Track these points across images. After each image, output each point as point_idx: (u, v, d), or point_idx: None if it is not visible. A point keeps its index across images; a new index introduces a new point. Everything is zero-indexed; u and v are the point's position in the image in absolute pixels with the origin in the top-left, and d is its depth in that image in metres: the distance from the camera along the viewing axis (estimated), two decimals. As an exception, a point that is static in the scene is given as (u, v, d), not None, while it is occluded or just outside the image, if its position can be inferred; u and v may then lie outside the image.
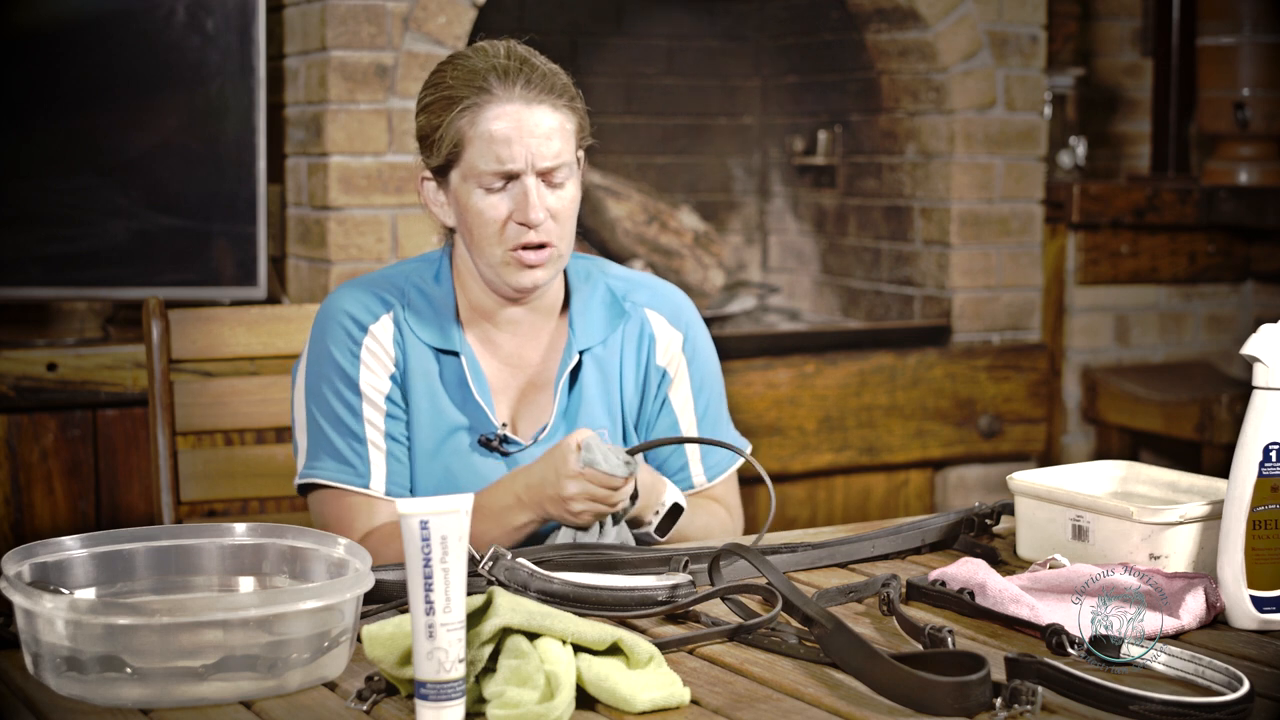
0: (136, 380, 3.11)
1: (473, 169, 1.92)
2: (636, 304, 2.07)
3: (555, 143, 1.91)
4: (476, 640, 1.37)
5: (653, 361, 2.06)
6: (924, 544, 1.91)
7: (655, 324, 2.07)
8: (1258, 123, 4.04)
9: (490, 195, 1.92)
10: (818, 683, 1.44)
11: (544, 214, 1.91)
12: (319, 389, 1.98)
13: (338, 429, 1.96)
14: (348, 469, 1.95)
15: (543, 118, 1.91)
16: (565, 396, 2.01)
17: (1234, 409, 3.75)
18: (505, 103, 1.90)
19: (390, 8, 3.29)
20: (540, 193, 1.92)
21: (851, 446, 3.71)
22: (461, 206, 1.95)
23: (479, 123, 1.91)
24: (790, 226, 4.42)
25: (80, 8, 3.13)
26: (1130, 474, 1.94)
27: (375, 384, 1.97)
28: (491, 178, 1.91)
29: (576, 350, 2.02)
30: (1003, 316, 3.91)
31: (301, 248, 3.43)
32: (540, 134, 1.90)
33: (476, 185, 1.92)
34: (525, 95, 1.91)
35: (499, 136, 1.90)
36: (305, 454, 1.98)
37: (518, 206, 1.92)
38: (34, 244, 3.12)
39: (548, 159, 1.91)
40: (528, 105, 1.91)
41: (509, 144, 1.90)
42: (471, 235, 1.95)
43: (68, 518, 3.10)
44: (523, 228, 1.92)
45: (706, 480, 2.10)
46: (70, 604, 1.38)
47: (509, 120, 1.90)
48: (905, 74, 3.90)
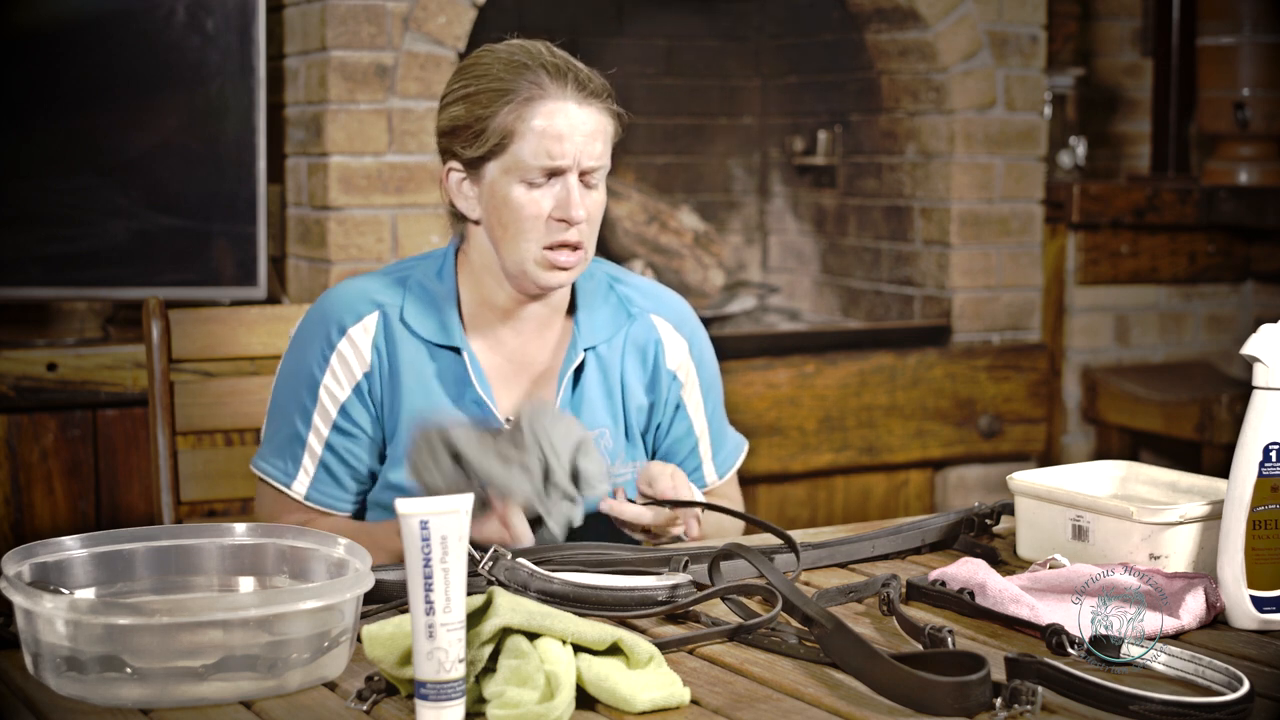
0: (136, 380, 3.11)
1: (518, 162, 1.92)
2: (642, 309, 2.09)
3: (598, 144, 1.93)
4: (476, 640, 1.37)
5: (662, 366, 2.08)
6: (924, 544, 1.91)
7: (662, 330, 2.09)
8: (1258, 123, 4.04)
9: (532, 190, 1.93)
10: (818, 683, 1.44)
11: (584, 212, 1.93)
12: (286, 379, 2.02)
13: (284, 425, 2.01)
14: (279, 466, 2.01)
15: (591, 118, 1.93)
16: (569, 393, 2.02)
17: (1234, 409, 3.75)
18: (559, 99, 1.91)
19: (390, 8, 3.29)
20: (582, 193, 1.93)
21: (851, 446, 3.71)
22: (499, 200, 1.95)
23: (530, 117, 1.91)
24: (790, 226, 4.42)
25: (80, 8, 3.12)
26: (1130, 474, 1.94)
27: (335, 392, 1.98)
28: (537, 172, 1.92)
29: (582, 348, 2.02)
30: (1003, 316, 3.91)
31: (301, 248, 3.43)
32: (588, 133, 1.92)
33: (519, 179, 1.93)
34: (577, 95, 1.92)
35: (552, 132, 1.90)
36: (262, 440, 2.05)
37: (559, 203, 1.92)
38: (34, 244, 3.12)
39: (592, 159, 1.93)
40: (579, 105, 1.92)
41: (560, 140, 1.91)
42: (506, 230, 1.95)
43: (68, 518, 3.10)
44: (562, 224, 1.93)
45: (718, 478, 2.15)
46: (70, 604, 1.38)
47: (563, 117, 1.91)
48: (905, 74, 3.90)
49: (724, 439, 2.17)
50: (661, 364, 2.08)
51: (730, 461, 2.17)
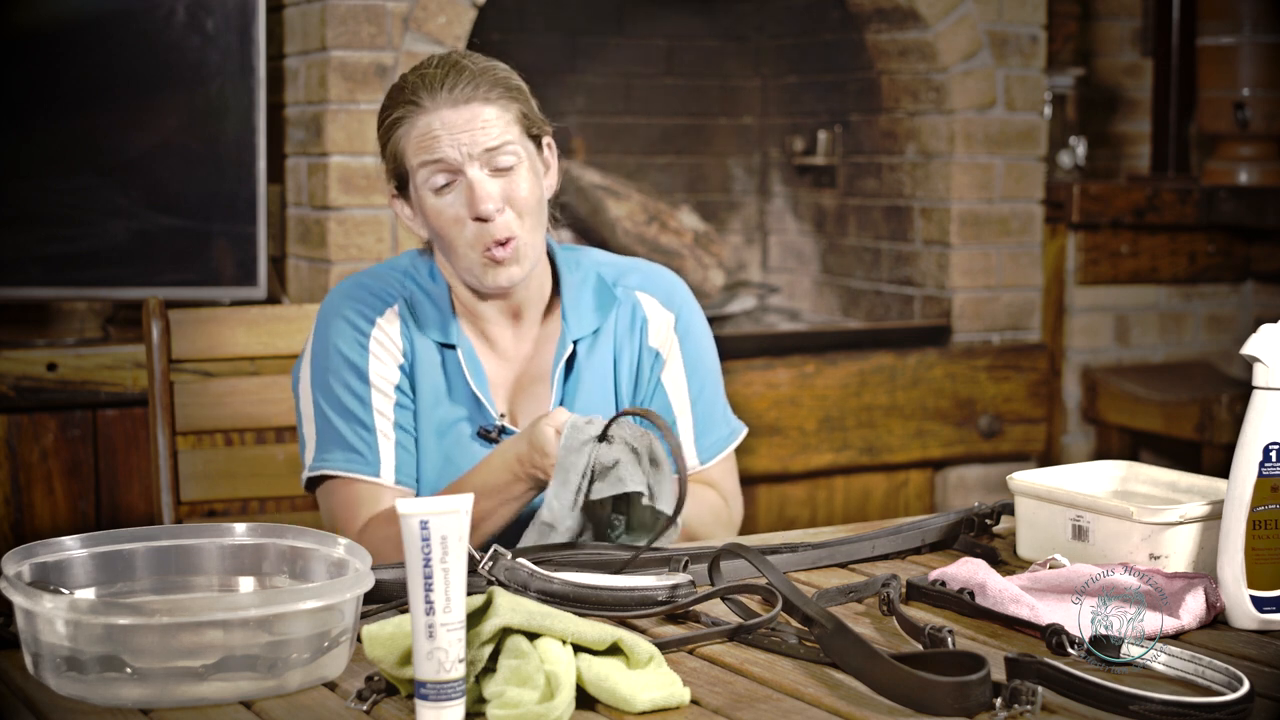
0: (136, 380, 3.11)
1: (416, 174, 1.96)
2: (628, 288, 2.08)
3: (492, 130, 1.93)
4: (476, 640, 1.37)
5: (645, 344, 2.07)
6: (924, 544, 1.91)
7: (647, 306, 2.08)
8: (1258, 123, 4.04)
9: (442, 196, 1.95)
10: (818, 683, 1.44)
11: (494, 206, 1.93)
12: (326, 382, 1.99)
13: (346, 419, 1.97)
14: (357, 458, 1.96)
15: (472, 113, 1.93)
16: (561, 387, 2.03)
17: (1234, 409, 3.75)
18: (432, 111, 1.94)
19: (390, 8, 3.29)
20: (486, 184, 1.93)
21: (851, 446, 3.71)
22: (425, 216, 1.98)
23: (412, 133, 1.94)
24: (790, 226, 4.42)
25: (80, 8, 3.12)
26: (1130, 474, 1.94)
27: (385, 374, 1.98)
28: (432, 175, 1.94)
29: (570, 341, 2.03)
30: (1003, 316, 3.91)
31: (301, 248, 3.43)
32: (472, 128, 1.93)
33: (427, 190, 1.95)
34: (450, 99, 1.93)
35: (428, 138, 1.93)
36: (314, 447, 1.99)
37: (468, 203, 1.93)
38: (34, 244, 3.12)
39: (483, 143, 1.93)
40: (454, 107, 1.93)
41: (438, 141, 1.93)
42: (441, 241, 1.98)
43: (68, 518, 3.10)
44: (482, 224, 1.93)
45: (700, 463, 2.09)
46: (70, 604, 1.38)
47: (436, 124, 1.93)
48: (905, 74, 3.90)
49: (712, 422, 2.10)
50: (644, 341, 2.07)
51: (719, 447, 2.10)
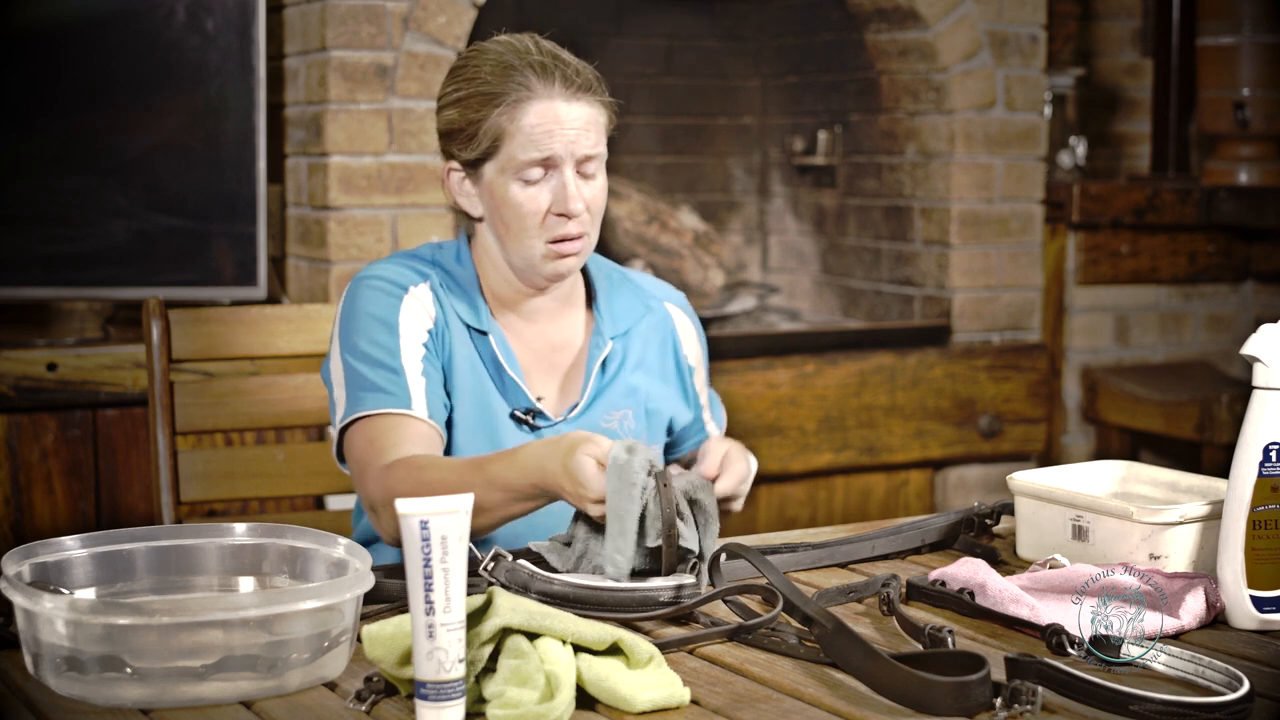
0: (136, 380, 3.11)
1: (512, 161, 1.95)
2: (657, 298, 2.15)
3: (591, 135, 1.96)
4: (476, 640, 1.37)
5: (681, 357, 2.15)
6: (924, 544, 1.91)
7: (677, 320, 2.16)
8: (1258, 123, 4.04)
9: (529, 188, 1.96)
10: (818, 683, 1.44)
11: (582, 205, 1.96)
12: (353, 342, 1.97)
13: (375, 368, 1.95)
14: (388, 396, 1.93)
15: (580, 111, 1.95)
16: (599, 380, 2.05)
17: (1234, 409, 3.75)
18: (545, 99, 1.94)
19: (390, 8, 3.29)
20: (579, 185, 1.96)
21: (851, 446, 3.70)
22: (498, 200, 1.97)
23: (519, 118, 1.94)
24: (790, 226, 4.42)
25: (80, 8, 3.13)
26: (1130, 474, 1.94)
27: (414, 328, 1.97)
28: (531, 168, 1.95)
29: (609, 336, 2.06)
30: (1003, 316, 3.91)
31: (301, 248, 3.43)
32: (579, 127, 1.95)
33: (515, 178, 1.95)
34: (564, 91, 1.95)
35: (540, 131, 1.93)
36: (345, 402, 1.96)
37: (557, 198, 1.95)
38: (34, 244, 3.12)
39: (585, 149, 1.95)
40: (567, 101, 1.95)
41: (550, 135, 1.93)
42: (508, 228, 1.98)
43: (68, 518, 3.10)
44: (562, 219, 1.96)
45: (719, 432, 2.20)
46: (70, 604, 1.38)
47: (550, 116, 1.94)
48: (905, 74, 3.90)
49: (716, 400, 2.24)
50: (681, 354, 2.14)
51: (721, 414, 2.24)
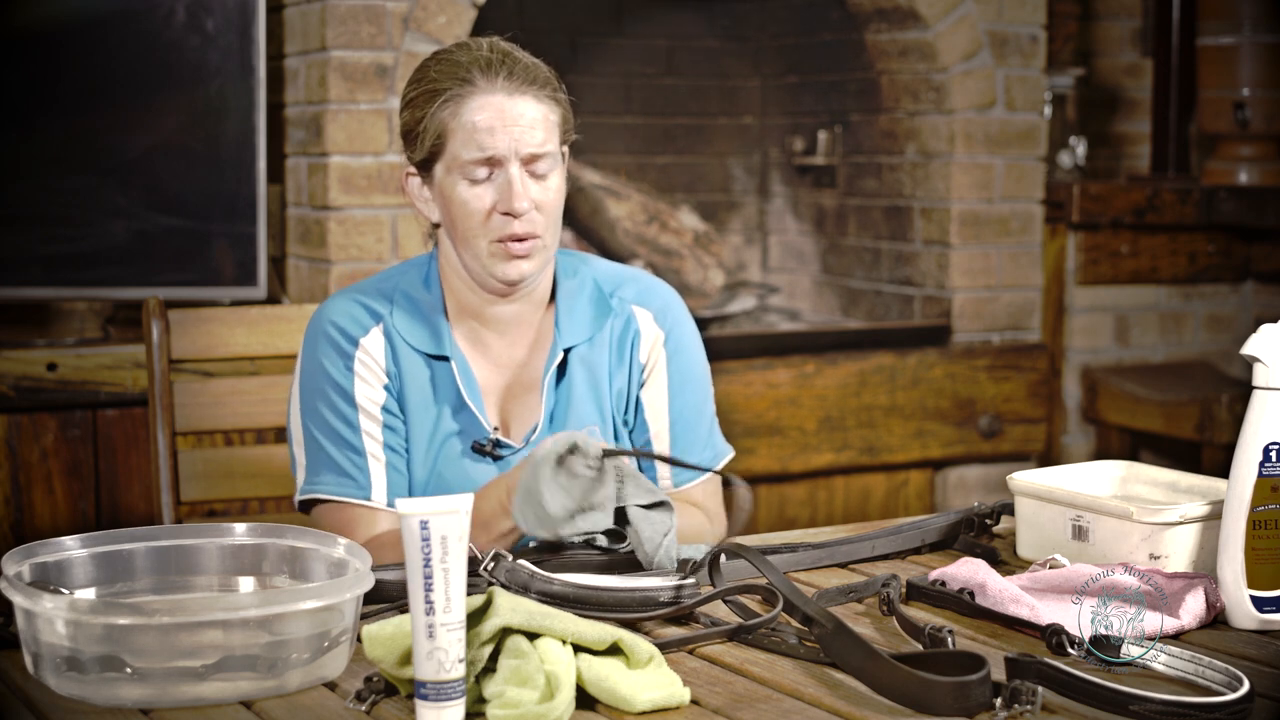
0: (136, 380, 3.11)
1: (456, 160, 1.92)
2: (624, 299, 2.06)
3: (539, 132, 1.92)
4: (476, 640, 1.37)
5: (636, 358, 2.05)
6: (924, 544, 1.91)
7: (641, 321, 2.05)
8: (1258, 123, 4.04)
9: (475, 186, 1.93)
10: (818, 683, 1.44)
11: (528, 204, 1.92)
12: (314, 406, 1.97)
13: (336, 443, 1.95)
14: (348, 482, 1.95)
15: (526, 108, 1.92)
16: (552, 395, 2.00)
17: (1234, 409, 3.75)
18: (488, 94, 1.91)
19: (390, 8, 3.29)
20: (524, 183, 1.92)
21: (851, 446, 3.70)
22: (446, 199, 1.95)
23: (461, 114, 1.91)
24: (790, 226, 4.42)
25: (80, 8, 3.13)
26: (1130, 474, 1.94)
27: (371, 395, 1.96)
28: (475, 167, 1.92)
29: (561, 348, 2.00)
30: (1003, 316, 3.91)
31: (301, 248, 3.43)
32: (524, 123, 1.91)
33: (460, 176, 1.93)
34: (508, 86, 1.91)
35: (482, 125, 1.90)
36: (305, 470, 1.98)
37: (502, 196, 1.92)
38: (34, 244, 3.12)
39: (531, 147, 1.91)
40: (510, 96, 1.91)
41: (492, 132, 1.90)
42: (456, 228, 1.95)
43: (68, 518, 3.10)
44: (507, 218, 1.92)
45: (673, 486, 2.05)
46: (70, 604, 1.38)
47: (492, 110, 1.91)
48: (905, 74, 3.90)
49: (693, 444, 2.06)
50: (635, 357, 2.05)
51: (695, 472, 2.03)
